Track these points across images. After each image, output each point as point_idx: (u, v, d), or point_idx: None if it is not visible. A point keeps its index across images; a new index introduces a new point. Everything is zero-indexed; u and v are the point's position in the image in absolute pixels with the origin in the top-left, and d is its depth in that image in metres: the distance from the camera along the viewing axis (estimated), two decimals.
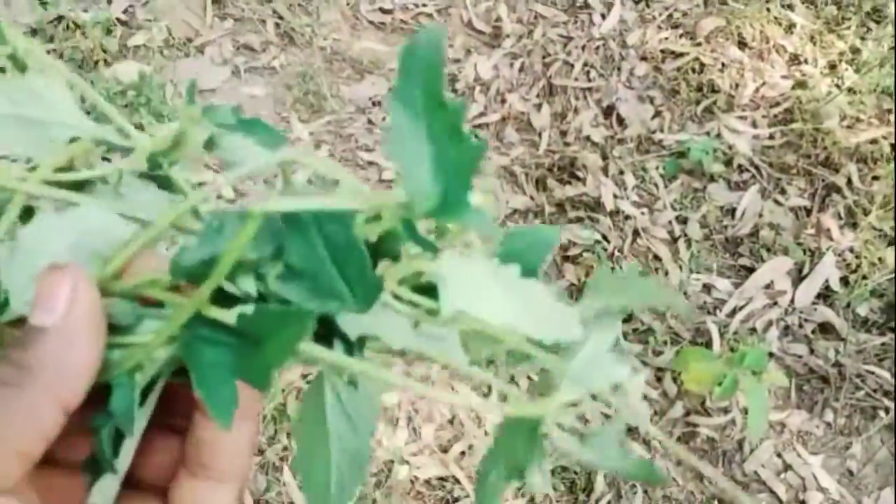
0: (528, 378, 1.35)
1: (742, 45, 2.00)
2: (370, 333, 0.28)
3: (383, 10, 2.02)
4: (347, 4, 2.01)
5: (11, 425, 0.25)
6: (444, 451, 1.42)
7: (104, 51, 1.75)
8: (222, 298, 0.25)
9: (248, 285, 0.26)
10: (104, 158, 0.32)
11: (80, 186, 0.30)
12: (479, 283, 0.26)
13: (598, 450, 0.26)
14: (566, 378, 0.27)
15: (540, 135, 1.86)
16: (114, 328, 0.27)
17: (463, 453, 1.42)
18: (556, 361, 0.28)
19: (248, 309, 0.25)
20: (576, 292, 1.64)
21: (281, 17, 1.92)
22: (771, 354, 1.57)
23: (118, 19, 1.82)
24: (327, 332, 0.27)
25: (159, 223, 0.28)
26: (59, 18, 1.79)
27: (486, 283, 0.26)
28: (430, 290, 0.27)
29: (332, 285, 0.25)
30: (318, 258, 0.25)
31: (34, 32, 1.77)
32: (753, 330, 1.62)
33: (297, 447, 0.30)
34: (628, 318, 1.60)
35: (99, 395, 0.27)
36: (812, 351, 1.61)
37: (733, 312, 1.65)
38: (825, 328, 1.64)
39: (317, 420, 0.30)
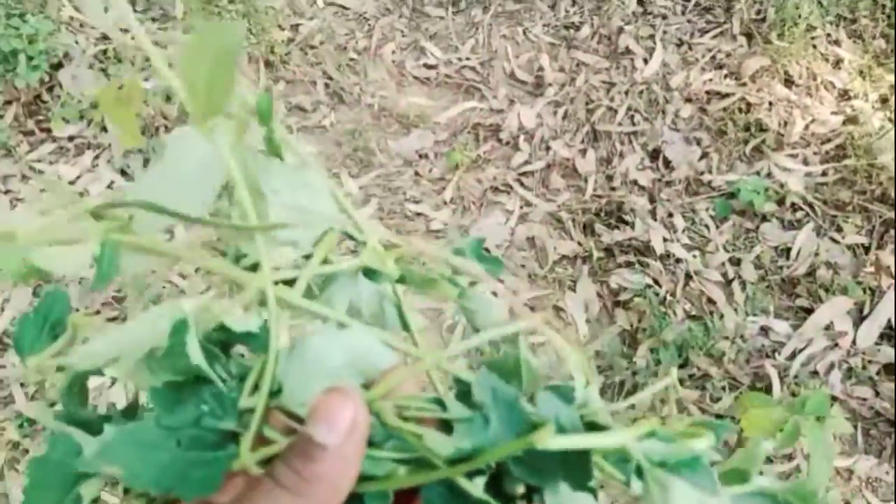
0: None
1: (789, 82, 1.99)
2: None
3: (427, 66, 2.08)
4: (393, 62, 2.07)
5: None
6: None
7: (164, 117, 1.84)
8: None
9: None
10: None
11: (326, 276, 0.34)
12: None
13: None
14: None
15: (586, 180, 1.87)
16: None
17: None
18: None
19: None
20: (628, 338, 1.63)
21: (330, 78, 2.00)
22: (834, 398, 1.53)
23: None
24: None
25: (427, 358, 0.32)
26: (122, 88, 1.89)
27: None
28: None
29: None
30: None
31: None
32: (815, 373, 1.58)
33: None
34: (684, 364, 1.58)
35: None
36: (877, 393, 1.56)
37: (793, 355, 1.61)
38: (890, 369, 1.58)
39: None
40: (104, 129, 1.83)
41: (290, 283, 0.32)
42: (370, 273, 0.35)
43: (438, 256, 0.36)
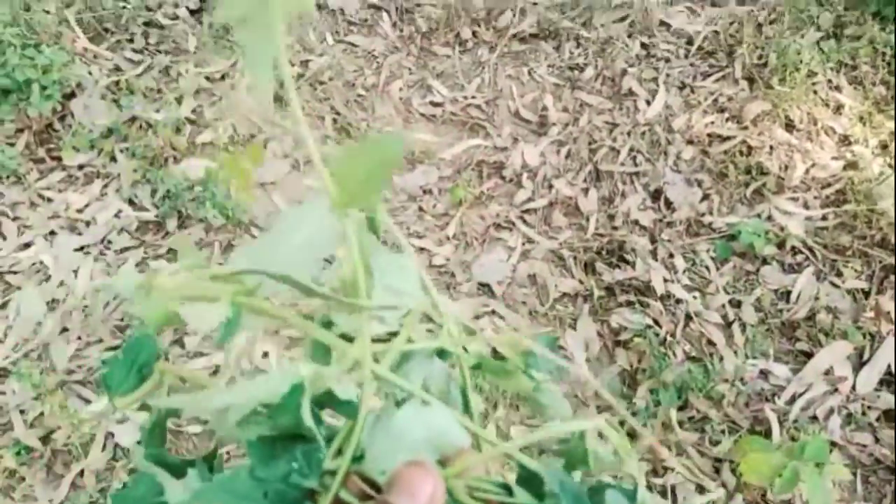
0: None
1: (790, 127, 2.01)
2: None
3: (434, 104, 2.11)
4: (400, 99, 2.11)
5: None
6: None
7: (173, 148, 1.87)
8: None
9: None
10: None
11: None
12: None
13: None
14: None
15: (588, 219, 1.89)
16: None
17: None
18: None
19: None
20: (628, 378, 1.63)
21: (338, 113, 2.03)
22: (833, 444, 1.52)
23: (187, 118, 1.95)
24: None
25: (501, 446, 0.34)
26: (133, 119, 1.93)
27: None
28: None
29: None
30: None
31: (110, 132, 1.91)
32: (815, 418, 1.57)
33: None
34: (683, 406, 1.58)
35: None
36: (877, 440, 1.55)
37: (792, 400, 1.60)
38: (890, 416, 1.57)
39: None
40: (113, 158, 1.86)
41: (375, 356, 0.35)
42: (442, 353, 0.37)
43: (514, 343, 0.39)
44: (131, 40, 2.12)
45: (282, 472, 0.31)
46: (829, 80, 2.08)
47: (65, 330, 1.58)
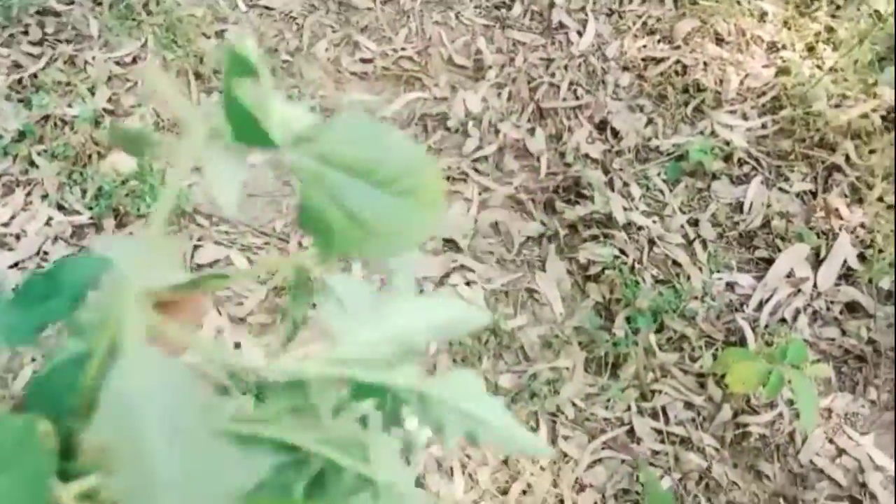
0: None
1: (719, 41, 2.03)
2: None
3: (364, 60, 2.03)
4: (328, 60, 2.02)
5: None
6: (504, 493, 1.41)
7: (95, 143, 1.75)
8: None
9: None
10: None
11: None
12: None
13: None
14: None
15: (538, 159, 1.87)
16: None
17: (524, 492, 1.41)
18: None
19: None
20: (603, 310, 1.64)
21: None
22: (805, 343, 1.58)
23: (105, 109, 1.82)
24: None
25: None
26: (46, 118, 1.78)
27: None
28: None
29: None
30: None
31: (22, 135, 1.76)
32: (783, 320, 1.63)
33: None
34: (660, 329, 1.61)
35: None
36: (844, 332, 1.62)
37: (760, 306, 1.66)
38: (852, 307, 1.65)
39: None
40: (32, 163, 1.72)
41: None
42: None
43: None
44: (26, 32, 1.94)
45: None
46: None
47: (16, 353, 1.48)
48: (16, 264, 1.59)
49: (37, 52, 1.91)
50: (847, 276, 1.67)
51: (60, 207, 1.69)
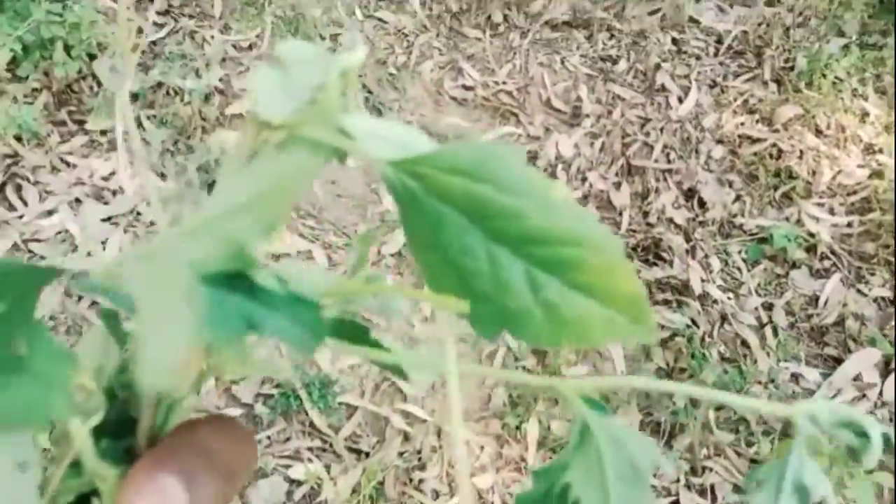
0: None
1: (819, 132, 2.04)
2: None
3: (465, 87, 2.07)
4: (431, 80, 2.06)
5: None
6: None
7: (203, 118, 1.79)
8: None
9: None
10: None
11: None
12: None
13: None
14: None
15: (621, 213, 1.88)
16: None
17: None
18: None
19: None
20: (665, 376, 1.63)
21: (370, 91, 1.97)
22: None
23: (216, 88, 1.87)
24: None
25: None
26: (159, 84, 1.84)
27: None
28: None
29: None
30: None
31: (134, 97, 1.82)
32: None
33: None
34: (720, 407, 1.59)
35: None
36: None
37: None
38: None
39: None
40: (140, 125, 1.78)
41: None
42: None
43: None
44: (153, 1, 2.02)
45: None
46: (855, 89, 2.11)
47: (94, 304, 1.51)
48: (109, 218, 1.63)
49: (161, 22, 1.97)
50: None
51: (160, 174, 1.74)
